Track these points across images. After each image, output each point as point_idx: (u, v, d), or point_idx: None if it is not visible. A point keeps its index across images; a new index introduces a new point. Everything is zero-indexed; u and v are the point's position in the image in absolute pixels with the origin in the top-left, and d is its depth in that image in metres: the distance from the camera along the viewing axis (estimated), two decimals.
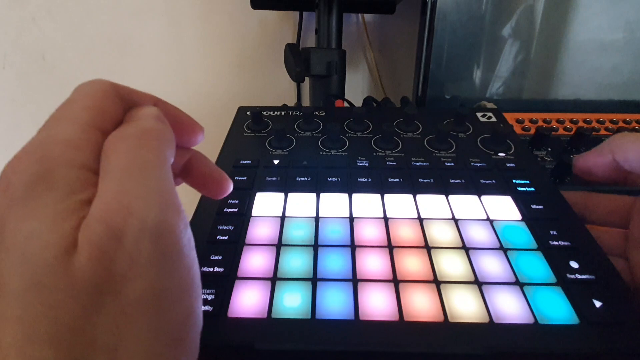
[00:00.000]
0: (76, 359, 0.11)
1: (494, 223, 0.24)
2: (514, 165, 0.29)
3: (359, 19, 0.61)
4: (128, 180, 0.13)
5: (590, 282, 0.20)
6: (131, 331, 0.12)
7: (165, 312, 0.13)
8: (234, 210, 0.25)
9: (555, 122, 0.43)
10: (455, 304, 0.19)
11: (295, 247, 0.22)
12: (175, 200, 0.14)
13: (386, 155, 0.30)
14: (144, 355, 0.12)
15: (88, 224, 0.12)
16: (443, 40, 0.46)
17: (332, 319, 0.18)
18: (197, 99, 0.68)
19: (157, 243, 0.12)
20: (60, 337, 0.11)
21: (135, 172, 0.13)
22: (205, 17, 0.61)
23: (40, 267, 0.11)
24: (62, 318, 0.11)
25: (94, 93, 0.15)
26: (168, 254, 0.13)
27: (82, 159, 0.13)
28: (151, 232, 0.12)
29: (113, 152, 0.13)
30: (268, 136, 0.32)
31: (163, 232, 0.13)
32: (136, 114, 0.16)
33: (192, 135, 0.18)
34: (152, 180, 0.13)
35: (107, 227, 0.12)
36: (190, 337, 0.14)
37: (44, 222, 0.12)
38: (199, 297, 0.14)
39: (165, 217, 0.13)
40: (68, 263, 0.11)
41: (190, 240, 0.14)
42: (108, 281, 0.12)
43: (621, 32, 0.45)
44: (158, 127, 0.15)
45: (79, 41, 0.63)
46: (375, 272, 0.21)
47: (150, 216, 0.12)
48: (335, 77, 0.48)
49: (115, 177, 0.13)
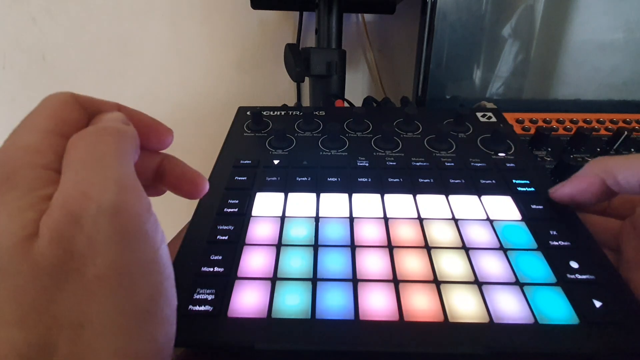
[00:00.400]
0: (42, 337, 0.12)
1: (494, 223, 0.24)
2: (514, 165, 0.29)
3: (359, 19, 0.61)
4: (86, 170, 0.14)
5: (590, 282, 0.20)
6: (95, 308, 0.13)
7: (128, 289, 0.13)
8: (234, 210, 0.25)
9: (555, 122, 0.43)
10: (455, 304, 0.19)
11: (295, 247, 0.22)
12: (135, 186, 0.15)
13: (386, 155, 0.30)
14: (111, 330, 0.13)
15: (49, 212, 0.13)
16: (443, 40, 0.46)
17: (332, 319, 0.18)
18: (197, 99, 0.68)
19: (115, 223, 0.13)
20: (26, 318, 0.12)
21: (93, 162, 0.14)
22: (206, 18, 0.61)
23: (1, 256, 0.12)
24: (26, 300, 0.12)
25: (53, 103, 0.16)
26: (127, 233, 0.13)
27: (43, 161, 0.14)
28: (108, 212, 0.13)
29: (72, 149, 0.15)
30: (268, 136, 0.32)
31: (121, 212, 0.13)
32: (98, 118, 0.17)
33: (160, 138, 0.19)
34: (109, 169, 0.14)
35: (66, 212, 0.13)
36: (161, 313, 0.14)
37: (5, 215, 0.13)
38: (169, 277, 0.15)
39: (123, 199, 0.14)
40: (29, 249, 0.12)
41: (154, 223, 0.15)
42: (68, 261, 0.13)
43: (621, 32, 0.45)
44: (115, 125, 0.16)
45: (79, 41, 0.63)
46: (375, 272, 0.21)
47: (106, 198, 0.13)
48: (335, 77, 0.48)
49: (73, 169, 0.14)
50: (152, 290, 0.14)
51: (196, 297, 0.19)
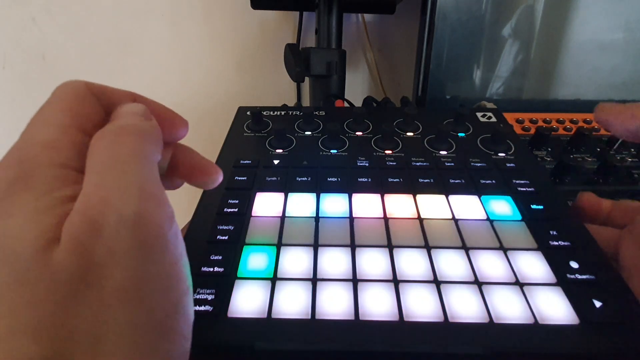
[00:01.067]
0: (59, 351, 0.11)
1: (494, 223, 0.24)
2: (514, 165, 0.29)
3: (359, 19, 0.61)
4: (107, 174, 0.13)
5: (590, 282, 0.20)
6: (113, 322, 0.12)
7: (147, 303, 0.13)
8: (234, 210, 0.25)
9: (555, 122, 0.43)
10: (455, 304, 0.19)
11: (295, 247, 0.22)
12: (158, 193, 0.14)
13: (386, 155, 0.30)
14: (128, 346, 0.12)
15: (70, 219, 0.12)
16: (443, 40, 0.46)
17: (332, 319, 0.18)
18: (197, 99, 0.68)
19: (135, 234, 0.13)
20: (42, 330, 0.11)
21: (114, 166, 0.13)
22: (206, 18, 0.61)
23: (19, 263, 0.12)
24: (43, 311, 0.11)
25: (68, 95, 0.15)
26: (148, 245, 0.13)
27: (61, 159, 0.14)
28: (129, 222, 0.12)
29: (94, 149, 0.14)
30: (268, 136, 0.32)
31: (142, 223, 0.13)
32: (118, 113, 0.16)
33: (175, 130, 0.19)
34: (131, 174, 0.13)
35: (86, 220, 0.12)
36: (178, 328, 0.14)
37: (22, 218, 0.12)
38: (187, 292, 0.14)
39: (145, 209, 0.13)
40: (48, 257, 0.12)
41: (176, 235, 0.14)
42: (87, 272, 0.12)
43: (621, 32, 0.45)
44: (136, 123, 0.15)
45: (79, 41, 0.63)
46: (375, 272, 0.21)
47: (128, 207, 0.13)
48: (335, 77, 0.48)
49: (94, 171, 0.13)
50: (170, 305, 0.13)
51: (196, 297, 0.19)
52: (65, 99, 0.15)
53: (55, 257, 0.12)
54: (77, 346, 0.11)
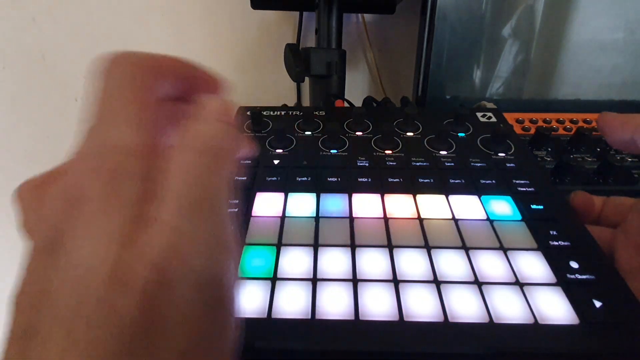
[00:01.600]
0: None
1: (494, 223, 0.24)
2: (514, 165, 0.29)
3: (359, 19, 0.61)
4: (183, 215, 0.12)
5: (590, 282, 0.20)
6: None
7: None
8: (234, 210, 0.25)
9: (555, 122, 0.43)
10: (455, 304, 0.19)
11: (295, 247, 0.22)
12: (228, 240, 0.13)
13: (386, 155, 0.30)
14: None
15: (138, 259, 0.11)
16: (443, 40, 0.46)
17: (332, 319, 0.18)
18: None
19: (203, 292, 0.12)
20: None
21: (191, 204, 0.12)
22: (206, 18, 0.61)
23: (87, 299, 0.11)
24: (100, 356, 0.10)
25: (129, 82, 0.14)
26: (214, 306, 0.12)
27: (142, 169, 0.12)
28: (198, 279, 0.12)
29: (172, 166, 0.13)
30: (268, 136, 0.32)
31: (211, 282, 0.12)
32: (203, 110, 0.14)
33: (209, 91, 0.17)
34: (209, 222, 0.12)
35: (155, 269, 0.11)
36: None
37: (92, 244, 0.11)
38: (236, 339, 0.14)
39: (216, 263, 0.12)
40: (115, 301, 0.11)
41: (238, 286, 0.13)
42: (152, 324, 0.11)
43: (621, 32, 0.45)
44: (220, 138, 0.14)
45: (79, 41, 0.63)
46: (375, 272, 0.21)
47: (197, 262, 0.12)
48: (335, 77, 0.48)
49: (170, 207, 0.12)
50: None
51: None
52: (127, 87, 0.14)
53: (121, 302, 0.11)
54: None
